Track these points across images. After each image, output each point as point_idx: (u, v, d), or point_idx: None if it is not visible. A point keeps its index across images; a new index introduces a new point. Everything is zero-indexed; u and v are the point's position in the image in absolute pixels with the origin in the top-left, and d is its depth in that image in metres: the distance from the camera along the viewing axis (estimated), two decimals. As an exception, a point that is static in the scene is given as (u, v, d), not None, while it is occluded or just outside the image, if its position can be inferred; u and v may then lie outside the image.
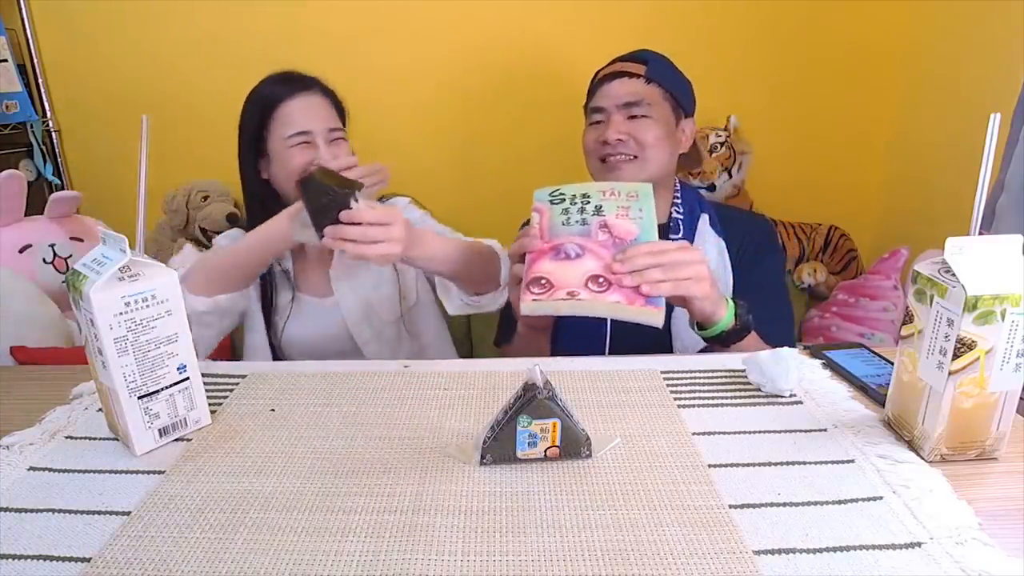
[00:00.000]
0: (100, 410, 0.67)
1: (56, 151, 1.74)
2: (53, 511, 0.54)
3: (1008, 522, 0.50)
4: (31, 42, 1.65)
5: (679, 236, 1.06)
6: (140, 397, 0.60)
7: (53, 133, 1.73)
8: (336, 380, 0.76)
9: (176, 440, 0.64)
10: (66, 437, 0.65)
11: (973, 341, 0.52)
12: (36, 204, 1.51)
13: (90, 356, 0.61)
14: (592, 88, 1.10)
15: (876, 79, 1.65)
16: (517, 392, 0.57)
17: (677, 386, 0.72)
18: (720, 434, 0.63)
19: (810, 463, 0.57)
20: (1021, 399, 0.56)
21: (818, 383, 0.72)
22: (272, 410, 0.69)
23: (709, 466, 0.57)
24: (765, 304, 0.99)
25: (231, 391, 0.74)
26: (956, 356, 0.53)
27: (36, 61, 1.67)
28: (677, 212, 1.08)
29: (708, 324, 0.83)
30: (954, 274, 0.53)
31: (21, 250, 1.42)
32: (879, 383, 0.70)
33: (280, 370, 0.79)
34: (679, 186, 1.10)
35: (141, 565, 0.47)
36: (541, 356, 0.85)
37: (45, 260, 1.44)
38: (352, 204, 0.82)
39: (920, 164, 1.60)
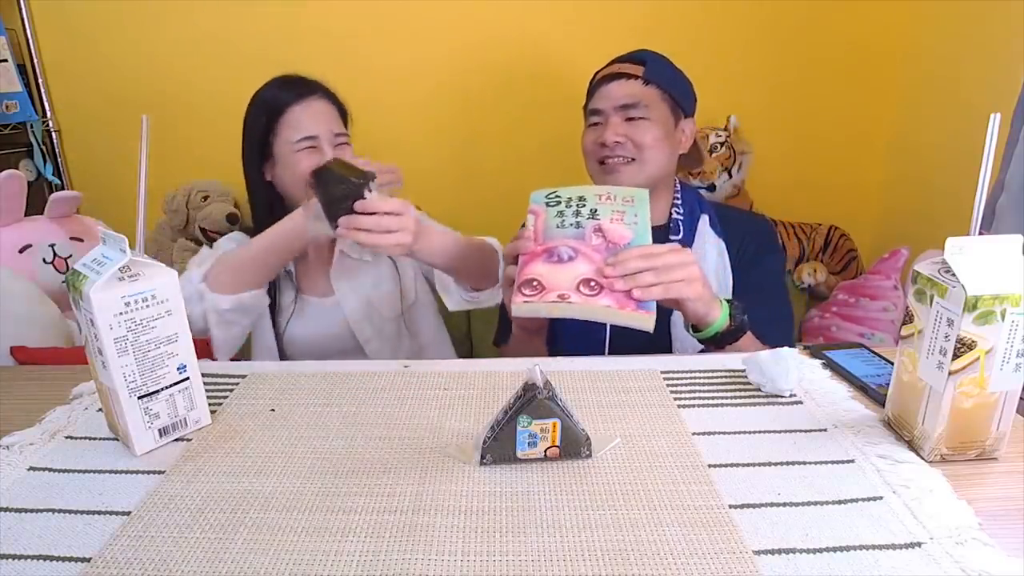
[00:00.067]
0: (100, 410, 0.67)
1: (56, 151, 1.74)
2: (53, 511, 0.54)
3: (1008, 522, 0.50)
4: (31, 42, 1.65)
5: (679, 237, 1.05)
6: (140, 397, 0.60)
7: (53, 133, 1.73)
8: (336, 380, 0.76)
9: (176, 440, 0.64)
10: (66, 437, 0.65)
11: (973, 341, 0.52)
12: (36, 204, 1.51)
13: (90, 356, 0.61)
14: (591, 89, 1.10)
15: (876, 79, 1.65)
16: (517, 392, 0.57)
17: (677, 386, 0.72)
18: (720, 434, 0.63)
19: (810, 463, 0.57)
20: (1021, 399, 0.56)
21: (818, 383, 0.72)
22: (272, 410, 0.69)
23: (709, 466, 0.57)
24: (765, 304, 0.99)
25: (231, 391, 0.74)
26: (956, 356, 0.53)
27: (36, 61, 1.67)
28: (677, 213, 1.07)
29: (702, 326, 0.83)
30: (954, 274, 0.53)
31: (21, 250, 1.42)
32: (879, 383, 0.70)
33: (280, 370, 0.79)
34: (679, 186, 1.10)
35: (141, 565, 0.47)
36: (537, 357, 0.85)
37: (45, 260, 1.44)
38: (366, 194, 0.84)
39: (920, 164, 1.60)
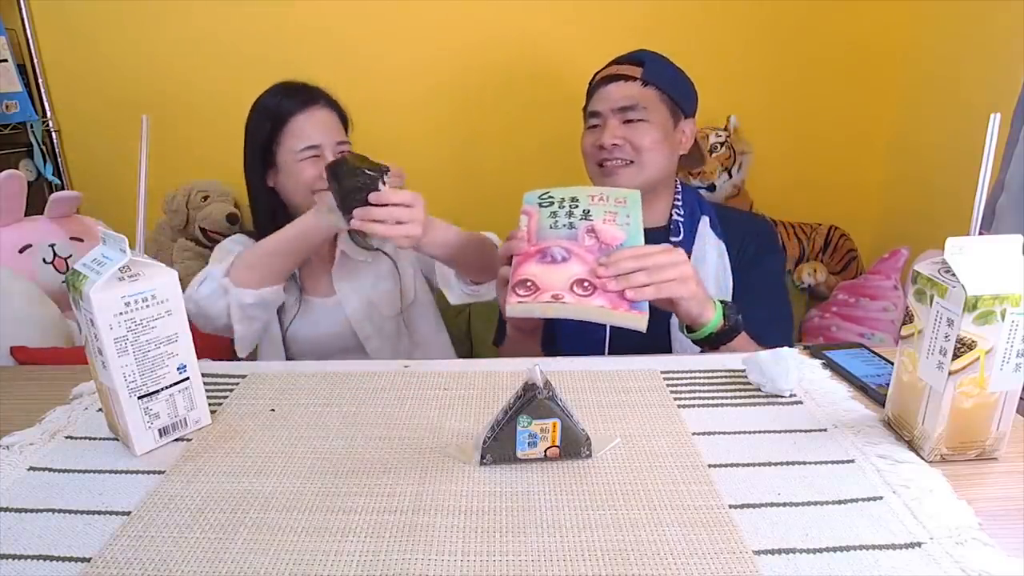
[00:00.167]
0: (100, 410, 0.67)
1: (56, 151, 1.74)
2: (53, 511, 0.54)
3: (1008, 522, 0.50)
4: (31, 42, 1.65)
5: (679, 238, 1.05)
6: (140, 397, 0.60)
7: (53, 133, 1.73)
8: (336, 380, 0.76)
9: (176, 440, 0.64)
10: (66, 437, 0.65)
11: (973, 341, 0.52)
12: (36, 204, 1.51)
13: (90, 356, 0.61)
14: (590, 91, 1.09)
15: (876, 79, 1.65)
16: (517, 392, 0.57)
17: (677, 386, 0.72)
18: (720, 434, 0.63)
19: (810, 463, 0.57)
20: (1021, 399, 0.56)
21: (818, 383, 0.72)
22: (272, 410, 0.69)
23: (709, 466, 0.57)
24: (765, 305, 0.99)
25: (231, 391, 0.74)
26: (956, 356, 0.53)
27: (36, 61, 1.67)
28: (678, 214, 1.07)
29: (696, 326, 0.83)
30: (954, 274, 0.53)
31: (21, 250, 1.42)
32: (879, 383, 0.70)
33: (280, 370, 0.79)
34: (680, 187, 1.10)
35: (141, 565, 0.47)
36: (533, 357, 0.85)
37: (45, 260, 1.44)
38: (380, 186, 0.86)
39: (920, 164, 1.60)
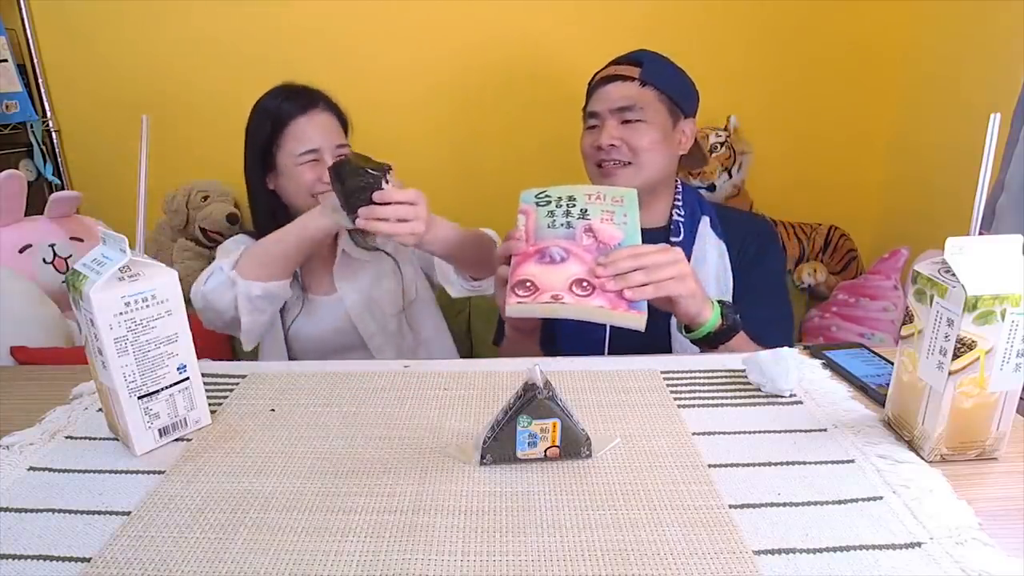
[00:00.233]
0: (100, 410, 0.67)
1: (56, 151, 1.74)
2: (53, 511, 0.54)
3: (1008, 522, 0.50)
4: (31, 42, 1.65)
5: (679, 238, 1.05)
6: (140, 397, 0.60)
7: (53, 133, 1.73)
8: (336, 380, 0.76)
9: (176, 440, 0.64)
10: (66, 437, 0.65)
11: (973, 341, 0.52)
12: (36, 204, 1.51)
13: (90, 356, 0.61)
14: (589, 91, 1.09)
15: (876, 79, 1.65)
16: (517, 392, 0.57)
17: (677, 386, 0.72)
18: (720, 434, 0.63)
19: (810, 463, 0.57)
20: (1021, 399, 0.56)
21: (818, 383, 0.72)
22: (272, 410, 0.69)
23: (709, 466, 0.57)
24: (765, 305, 0.99)
25: (231, 391, 0.74)
26: (956, 356, 0.53)
27: (36, 61, 1.67)
28: (678, 214, 1.07)
29: (694, 326, 0.83)
30: (954, 274, 0.53)
31: (21, 250, 1.42)
32: (879, 383, 0.70)
33: (280, 370, 0.79)
34: (680, 187, 1.09)
35: (141, 565, 0.47)
36: (532, 357, 0.85)
37: (45, 260, 1.44)
38: (383, 185, 0.87)
39: (920, 164, 1.60)
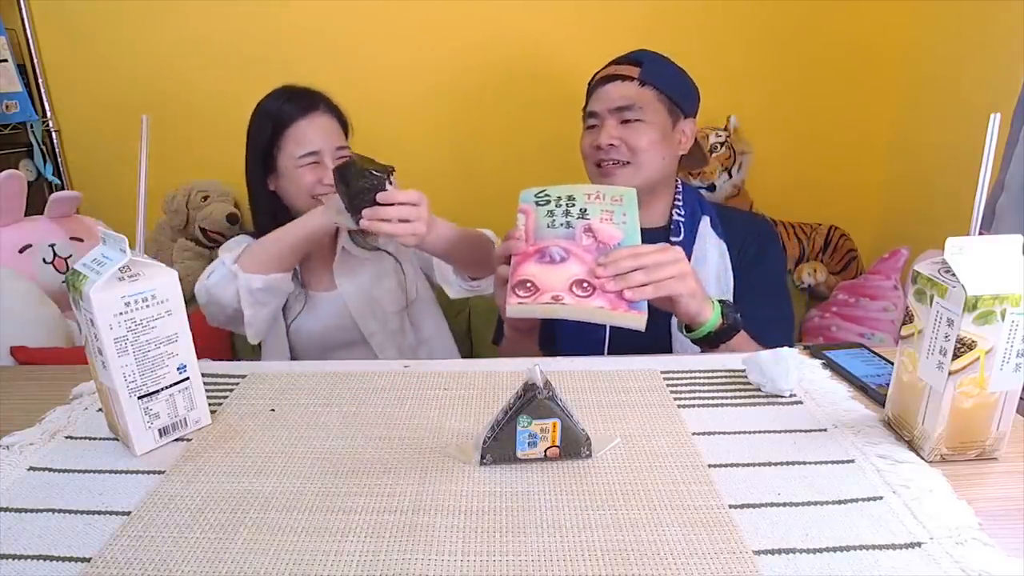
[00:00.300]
0: (100, 410, 0.67)
1: (56, 151, 1.74)
2: (53, 511, 0.54)
3: (1008, 522, 0.50)
4: (31, 42, 1.65)
5: (680, 238, 1.05)
6: (140, 397, 0.60)
7: (53, 133, 1.73)
8: (336, 380, 0.76)
9: (176, 440, 0.64)
10: (66, 437, 0.65)
11: (973, 341, 0.52)
12: (36, 204, 1.51)
13: (90, 356, 0.61)
14: (589, 91, 1.09)
15: (876, 79, 1.65)
16: (517, 392, 0.57)
17: (677, 386, 0.72)
18: (720, 434, 0.63)
19: (810, 463, 0.57)
20: (1021, 399, 0.56)
21: (818, 383, 0.72)
22: (272, 410, 0.69)
23: (709, 466, 0.57)
24: (766, 305, 0.99)
25: (231, 391, 0.74)
26: (956, 356, 0.53)
27: (36, 61, 1.67)
28: (678, 214, 1.07)
29: (695, 325, 0.83)
30: (954, 274, 0.53)
31: (21, 250, 1.42)
32: (879, 383, 0.70)
33: (280, 370, 0.79)
34: (681, 187, 1.09)
35: (141, 565, 0.47)
36: (530, 356, 0.85)
37: (45, 260, 1.44)
38: (387, 186, 0.89)
39: (920, 164, 1.60)
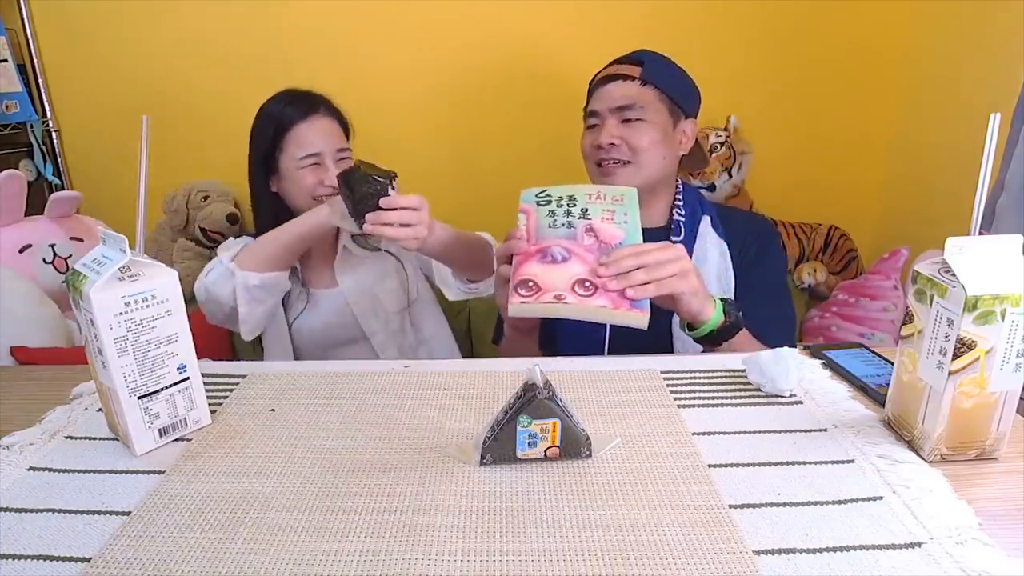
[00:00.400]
0: (100, 410, 0.67)
1: (56, 151, 1.74)
2: (53, 511, 0.54)
3: (1008, 522, 0.50)
4: (31, 42, 1.65)
5: (680, 238, 1.05)
6: (140, 397, 0.60)
7: (53, 133, 1.73)
8: (336, 380, 0.76)
9: (176, 440, 0.64)
10: (66, 437, 0.65)
11: (973, 341, 0.52)
12: (36, 204, 1.51)
13: (90, 356, 0.61)
14: (590, 91, 1.09)
15: (876, 79, 1.65)
16: (517, 392, 0.56)
17: (677, 386, 0.72)
18: (720, 434, 0.63)
19: (810, 463, 0.57)
20: (1021, 399, 0.56)
21: (818, 383, 0.72)
22: (272, 410, 0.69)
23: (709, 466, 0.57)
24: (767, 305, 0.99)
25: (231, 391, 0.74)
26: (956, 356, 0.53)
27: (36, 61, 1.67)
28: (679, 214, 1.07)
29: (697, 323, 0.83)
30: (954, 274, 0.53)
31: (21, 250, 1.42)
32: (879, 383, 0.70)
33: (280, 370, 0.79)
34: (681, 187, 1.09)
35: (141, 565, 0.47)
36: (530, 356, 0.86)
37: (45, 260, 1.44)
38: (390, 191, 0.90)
39: (920, 164, 1.60)
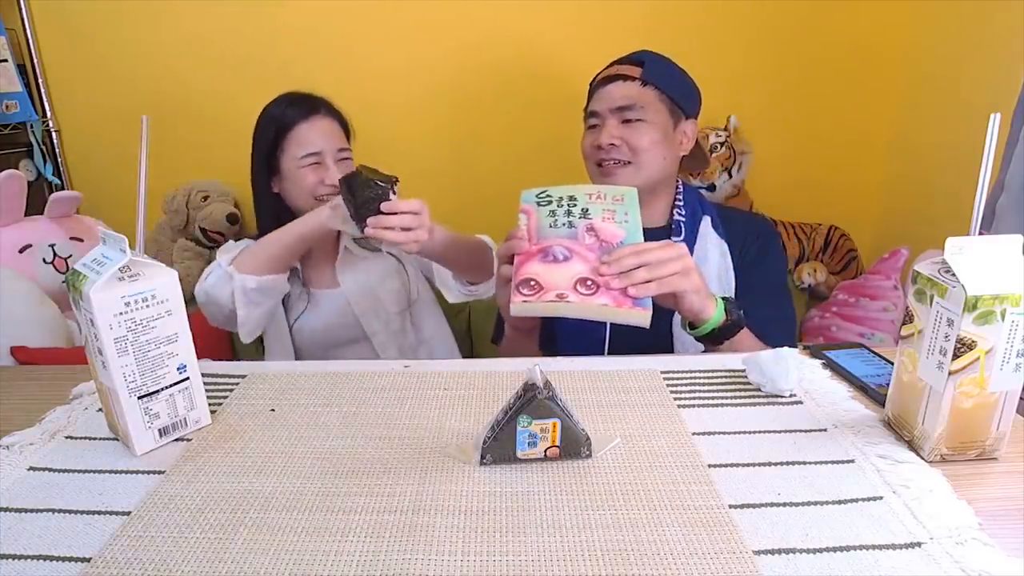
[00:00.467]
0: (100, 410, 0.67)
1: (56, 151, 1.74)
2: (53, 511, 0.54)
3: (1008, 522, 0.50)
4: (31, 42, 1.65)
5: (680, 238, 1.05)
6: (140, 397, 0.60)
7: (53, 133, 1.73)
8: (336, 380, 0.76)
9: (176, 440, 0.64)
10: (66, 437, 0.65)
11: (973, 341, 0.52)
12: (36, 204, 1.51)
13: (90, 356, 0.61)
14: (590, 92, 1.09)
15: (876, 79, 1.65)
16: (517, 392, 0.57)
17: (677, 386, 0.72)
18: (720, 434, 0.63)
19: (810, 463, 0.57)
20: (1021, 399, 0.56)
21: (818, 383, 0.72)
22: (272, 410, 0.69)
23: (709, 466, 0.57)
24: (767, 305, 0.99)
25: (231, 391, 0.74)
26: (956, 356, 0.53)
27: (36, 61, 1.67)
28: (679, 214, 1.07)
29: (699, 322, 0.83)
30: (954, 274, 0.53)
31: (21, 250, 1.42)
32: (879, 383, 0.70)
33: (280, 370, 0.79)
34: (681, 188, 1.09)
35: (141, 565, 0.47)
36: (530, 356, 0.86)
37: (45, 260, 1.44)
38: (391, 196, 0.91)
39: (920, 164, 1.60)
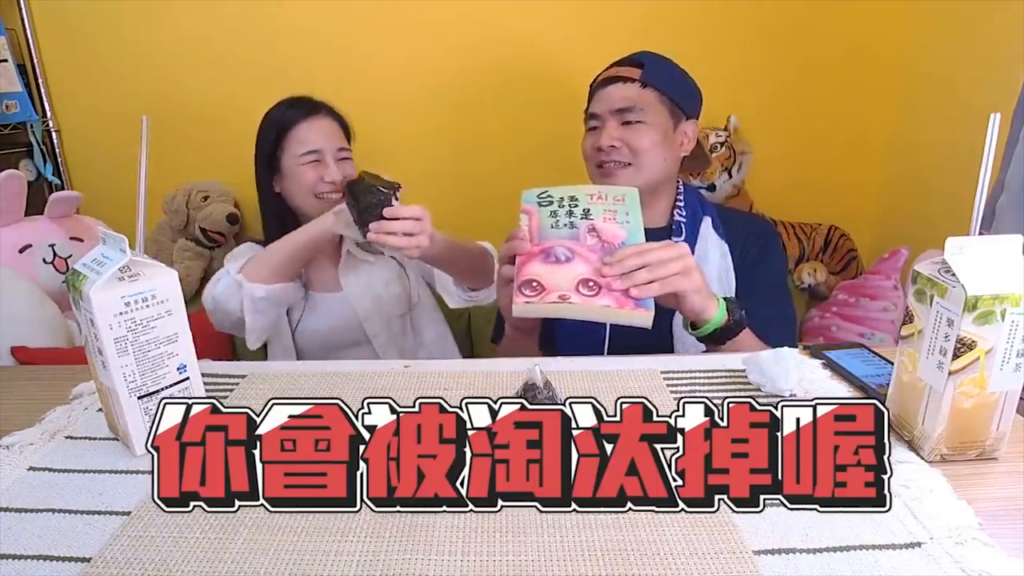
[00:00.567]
0: (100, 410, 0.67)
1: (56, 151, 1.74)
2: (53, 511, 0.54)
3: (1008, 522, 0.50)
4: (31, 42, 1.65)
5: (681, 239, 1.05)
6: (140, 397, 0.60)
7: (53, 133, 1.73)
8: (336, 380, 0.76)
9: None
10: (66, 437, 0.65)
11: (973, 341, 0.52)
12: (36, 204, 1.51)
13: (90, 356, 0.61)
14: (590, 93, 1.09)
15: (875, 79, 1.65)
16: (517, 392, 0.57)
17: (677, 386, 0.72)
18: (720, 434, 0.62)
19: (810, 463, 0.57)
20: (1021, 399, 0.56)
21: (818, 383, 0.72)
22: (272, 410, 0.69)
23: (709, 466, 0.57)
24: (768, 305, 0.99)
25: (231, 391, 0.74)
26: (956, 356, 0.53)
27: (36, 61, 1.67)
28: (680, 215, 1.07)
29: (700, 322, 0.83)
30: (954, 274, 0.53)
31: (21, 250, 1.42)
32: (879, 383, 0.70)
33: (280, 370, 0.79)
34: (682, 188, 1.09)
35: (141, 565, 0.47)
36: (530, 356, 0.86)
37: (45, 260, 1.44)
38: (393, 201, 0.91)
39: (920, 164, 1.60)
